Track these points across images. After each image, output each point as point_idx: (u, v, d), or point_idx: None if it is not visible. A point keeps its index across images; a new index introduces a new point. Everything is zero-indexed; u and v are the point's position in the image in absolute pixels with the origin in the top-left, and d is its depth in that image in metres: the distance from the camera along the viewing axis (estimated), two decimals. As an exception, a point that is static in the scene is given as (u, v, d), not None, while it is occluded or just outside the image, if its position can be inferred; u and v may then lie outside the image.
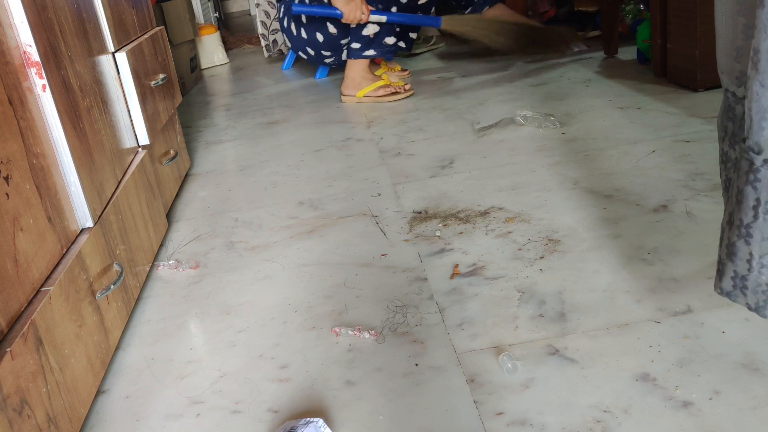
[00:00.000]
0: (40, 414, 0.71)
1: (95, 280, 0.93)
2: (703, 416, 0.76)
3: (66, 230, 0.89)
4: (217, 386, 0.92)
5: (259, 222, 1.42)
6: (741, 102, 0.70)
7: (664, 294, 0.98)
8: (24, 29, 0.85)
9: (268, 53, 3.17)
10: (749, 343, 0.86)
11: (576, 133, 1.68)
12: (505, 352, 0.90)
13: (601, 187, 1.36)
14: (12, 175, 0.76)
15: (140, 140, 1.33)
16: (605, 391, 0.81)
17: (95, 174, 1.01)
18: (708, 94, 1.82)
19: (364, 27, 2.13)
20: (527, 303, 1.01)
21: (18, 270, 0.74)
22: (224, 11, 5.14)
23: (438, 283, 1.09)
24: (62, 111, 0.91)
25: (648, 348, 0.87)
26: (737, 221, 0.67)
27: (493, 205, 1.34)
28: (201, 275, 1.23)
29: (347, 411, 0.84)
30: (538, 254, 1.14)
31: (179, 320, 1.09)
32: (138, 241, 1.16)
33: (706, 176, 1.34)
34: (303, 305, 1.08)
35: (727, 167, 0.75)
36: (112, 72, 1.23)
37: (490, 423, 0.79)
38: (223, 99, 2.57)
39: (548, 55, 1.92)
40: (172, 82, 1.65)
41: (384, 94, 2.16)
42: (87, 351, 0.86)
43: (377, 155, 1.72)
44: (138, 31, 1.46)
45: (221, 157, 1.88)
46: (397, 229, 1.30)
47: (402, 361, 0.92)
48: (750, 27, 0.65)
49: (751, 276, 0.68)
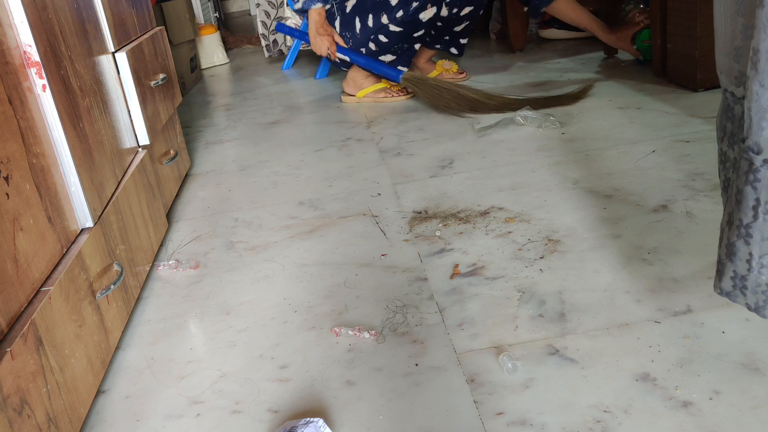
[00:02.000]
0: (40, 414, 0.71)
1: (95, 280, 0.93)
2: (703, 416, 0.76)
3: (66, 230, 0.89)
4: (217, 386, 0.92)
5: (259, 222, 1.42)
6: (740, 102, 0.70)
7: (664, 294, 0.98)
8: (24, 29, 0.85)
9: (268, 53, 3.17)
10: (749, 343, 0.86)
11: (576, 133, 1.68)
12: (505, 352, 0.90)
13: (601, 187, 1.36)
14: (12, 175, 0.76)
15: (140, 140, 1.33)
16: (605, 391, 0.81)
17: (95, 174, 1.01)
18: (707, 94, 1.82)
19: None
20: (527, 303, 1.01)
21: (18, 270, 0.74)
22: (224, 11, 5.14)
23: (438, 283, 1.09)
24: (62, 111, 0.91)
25: (648, 348, 0.87)
26: (737, 221, 0.67)
27: (493, 205, 1.34)
28: (201, 275, 1.23)
29: (347, 411, 0.84)
30: (538, 254, 1.14)
31: (179, 320, 1.09)
32: (138, 241, 1.16)
33: (706, 176, 1.34)
34: (303, 305, 1.08)
35: (726, 167, 0.75)
36: (112, 72, 1.23)
37: (490, 423, 0.79)
38: (223, 99, 2.57)
39: None
40: (172, 82, 1.65)
41: (384, 96, 2.16)
42: (87, 351, 0.86)
43: (377, 155, 1.72)
44: (138, 31, 1.46)
45: (221, 157, 1.88)
46: (397, 229, 1.30)
47: (402, 361, 0.92)
48: (749, 27, 0.65)
49: (750, 276, 0.68)
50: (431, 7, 1.99)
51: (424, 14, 1.99)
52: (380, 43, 2.06)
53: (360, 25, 2.07)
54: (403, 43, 2.07)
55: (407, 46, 2.09)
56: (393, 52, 2.09)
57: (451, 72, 2.34)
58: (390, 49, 2.08)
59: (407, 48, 2.10)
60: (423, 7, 1.98)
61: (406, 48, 2.09)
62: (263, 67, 3.06)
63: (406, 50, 2.11)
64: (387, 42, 2.05)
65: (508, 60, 2.55)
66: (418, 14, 1.98)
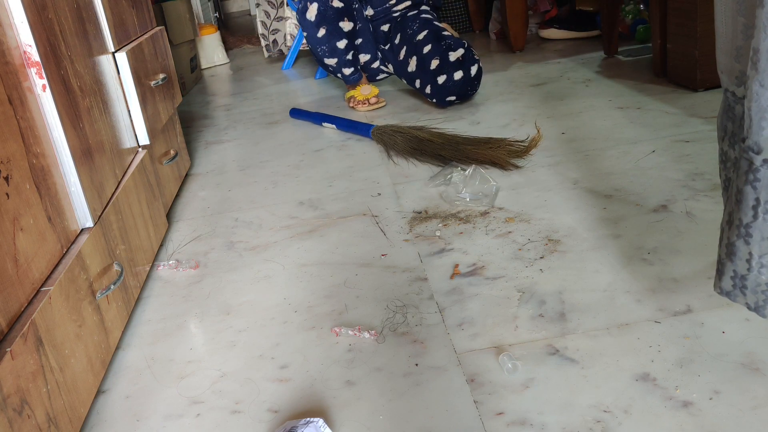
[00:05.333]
0: (40, 414, 0.71)
1: (95, 280, 0.93)
2: (703, 416, 0.76)
3: (66, 230, 0.89)
4: (217, 386, 0.92)
5: (259, 222, 1.42)
6: (741, 102, 0.70)
7: (664, 294, 0.98)
8: (24, 29, 0.85)
9: (268, 53, 3.17)
10: (749, 343, 0.86)
11: (576, 133, 1.68)
12: (505, 352, 0.90)
13: (601, 187, 1.36)
14: (12, 175, 0.76)
15: (140, 140, 1.33)
16: (605, 391, 0.81)
17: (95, 174, 1.01)
18: (708, 94, 1.82)
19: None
20: (527, 303, 1.01)
21: (18, 270, 0.74)
22: (224, 11, 5.14)
23: (438, 283, 1.09)
24: (62, 111, 0.91)
25: (648, 348, 0.87)
26: (737, 221, 0.67)
27: (493, 205, 1.34)
28: (201, 275, 1.23)
29: (347, 411, 0.84)
30: (538, 254, 1.14)
31: (179, 320, 1.09)
32: (138, 241, 1.16)
33: (706, 176, 1.34)
34: (303, 305, 1.08)
35: (726, 167, 0.75)
36: (112, 72, 1.23)
37: (490, 423, 0.79)
38: (223, 99, 2.57)
39: None
40: (172, 82, 1.65)
41: (354, 104, 2.18)
42: (87, 351, 0.86)
43: (377, 155, 1.72)
44: (138, 31, 1.46)
45: (221, 157, 1.88)
46: (397, 229, 1.30)
47: (402, 361, 0.92)
48: (750, 27, 0.65)
49: (750, 276, 0.68)
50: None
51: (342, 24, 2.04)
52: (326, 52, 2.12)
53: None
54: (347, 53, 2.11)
55: (351, 58, 2.13)
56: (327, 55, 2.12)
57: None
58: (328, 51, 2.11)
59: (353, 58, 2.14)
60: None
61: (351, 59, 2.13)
62: (263, 67, 3.06)
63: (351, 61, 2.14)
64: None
65: (508, 60, 2.55)
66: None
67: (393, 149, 1.71)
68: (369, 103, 2.14)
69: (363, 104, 2.15)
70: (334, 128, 1.99)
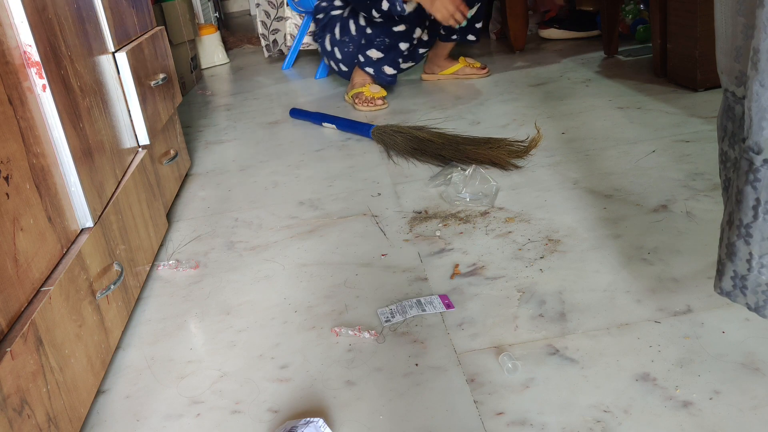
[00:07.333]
0: (40, 414, 0.71)
1: (95, 280, 0.93)
2: (703, 416, 0.76)
3: (66, 230, 0.89)
4: (217, 386, 0.92)
5: (259, 222, 1.42)
6: (741, 102, 0.70)
7: (664, 294, 0.98)
8: (24, 29, 0.85)
9: (268, 53, 3.17)
10: (749, 343, 0.86)
11: (576, 133, 1.68)
12: (505, 352, 0.90)
13: (601, 187, 1.36)
14: (12, 175, 0.76)
15: (140, 140, 1.33)
16: (605, 391, 0.81)
17: (95, 174, 1.01)
18: (708, 94, 1.82)
19: (369, 48, 2.16)
20: (527, 303, 1.01)
21: (18, 270, 0.74)
22: (224, 11, 5.14)
23: (438, 283, 1.09)
24: (62, 111, 0.91)
25: (648, 348, 0.87)
26: (737, 221, 0.67)
27: (493, 205, 1.34)
28: (201, 275, 1.23)
29: (347, 411, 0.84)
30: (538, 254, 1.14)
31: (179, 320, 1.09)
32: (138, 241, 1.16)
33: (706, 176, 1.34)
34: (303, 305, 1.08)
35: (726, 167, 0.75)
36: (112, 72, 1.23)
37: (490, 423, 0.79)
38: (223, 99, 2.57)
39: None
40: (172, 82, 1.65)
41: (358, 102, 2.17)
42: (87, 351, 0.86)
43: (377, 155, 1.72)
44: (138, 31, 1.46)
45: (221, 157, 1.88)
46: (397, 229, 1.30)
47: (402, 361, 0.92)
48: (750, 27, 0.65)
49: (750, 276, 0.68)
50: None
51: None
52: (367, 35, 2.14)
53: (354, 26, 2.16)
54: (384, 37, 2.11)
55: (389, 42, 2.12)
56: (377, 46, 2.13)
57: (474, 67, 2.37)
58: (374, 41, 2.13)
59: (390, 45, 2.13)
60: None
61: (389, 44, 2.12)
62: (263, 67, 3.06)
63: (390, 48, 2.13)
64: (371, 33, 2.13)
65: (508, 60, 2.55)
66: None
67: (393, 149, 1.72)
68: (375, 104, 2.14)
69: (368, 103, 2.15)
70: (334, 128, 1.99)
